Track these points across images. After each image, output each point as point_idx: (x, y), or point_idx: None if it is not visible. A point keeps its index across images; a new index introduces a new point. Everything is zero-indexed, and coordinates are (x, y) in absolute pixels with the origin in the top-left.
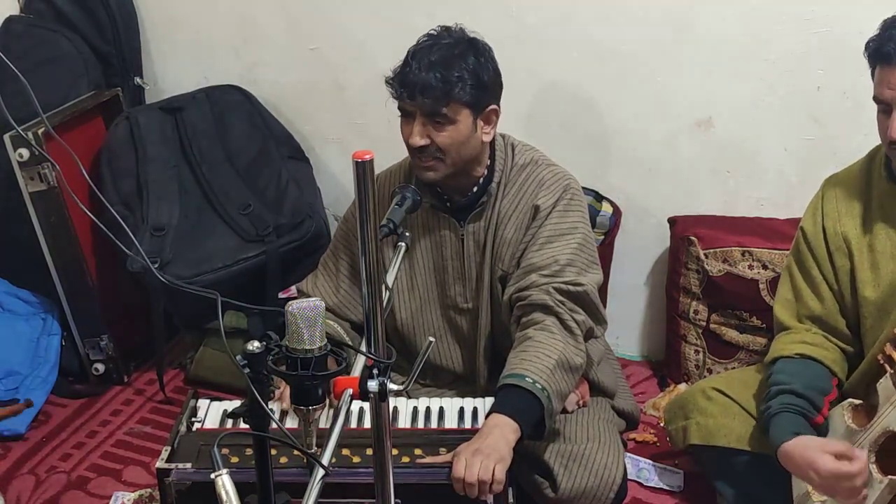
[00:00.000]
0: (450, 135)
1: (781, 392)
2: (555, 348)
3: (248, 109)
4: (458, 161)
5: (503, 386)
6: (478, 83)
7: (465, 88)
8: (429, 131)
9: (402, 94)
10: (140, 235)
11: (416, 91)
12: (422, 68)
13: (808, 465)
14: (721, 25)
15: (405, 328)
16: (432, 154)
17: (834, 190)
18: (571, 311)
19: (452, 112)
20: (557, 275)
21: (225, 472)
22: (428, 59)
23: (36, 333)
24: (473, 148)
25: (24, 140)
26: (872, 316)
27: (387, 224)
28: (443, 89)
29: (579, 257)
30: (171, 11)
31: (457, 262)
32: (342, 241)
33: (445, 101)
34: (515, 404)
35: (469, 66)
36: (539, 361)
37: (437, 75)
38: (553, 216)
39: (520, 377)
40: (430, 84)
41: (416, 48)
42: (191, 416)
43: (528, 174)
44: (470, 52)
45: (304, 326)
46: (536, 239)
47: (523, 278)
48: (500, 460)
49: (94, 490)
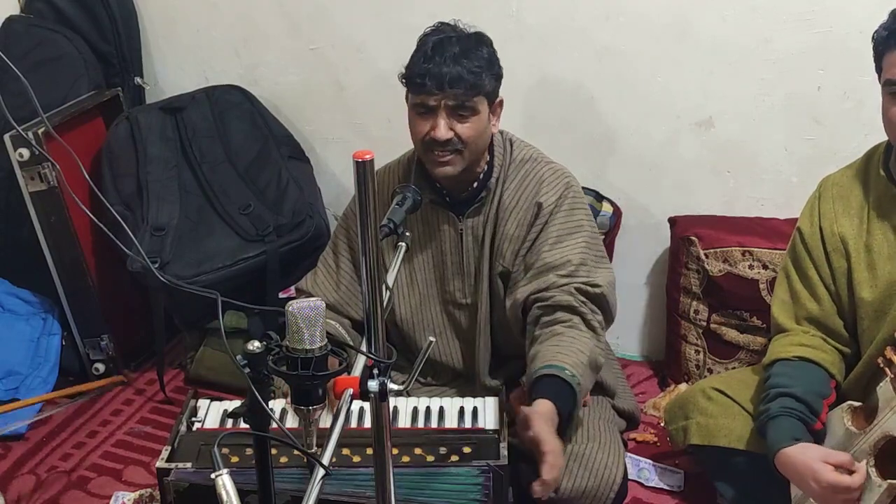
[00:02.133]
0: (473, 125)
1: (781, 395)
2: (586, 345)
3: (248, 109)
4: (474, 153)
5: (543, 375)
6: (495, 74)
7: (489, 79)
8: (452, 124)
9: (430, 86)
10: (140, 235)
11: (444, 83)
12: (447, 61)
13: (809, 473)
14: (721, 25)
15: (405, 324)
16: (454, 147)
17: (831, 190)
18: (593, 311)
19: (477, 103)
20: (574, 275)
21: (225, 472)
22: (452, 52)
23: (36, 333)
24: (486, 140)
25: (24, 140)
26: (869, 317)
27: (387, 224)
28: (472, 81)
29: (589, 255)
30: (171, 11)
31: (455, 257)
32: (342, 238)
33: (475, 92)
34: (557, 393)
35: (486, 57)
36: (574, 356)
37: (464, 67)
38: (559, 215)
39: (560, 368)
40: (462, 76)
41: (434, 40)
42: (191, 416)
43: (527, 170)
44: (482, 43)
45: (305, 326)
46: (546, 238)
47: (539, 278)
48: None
49: (95, 490)
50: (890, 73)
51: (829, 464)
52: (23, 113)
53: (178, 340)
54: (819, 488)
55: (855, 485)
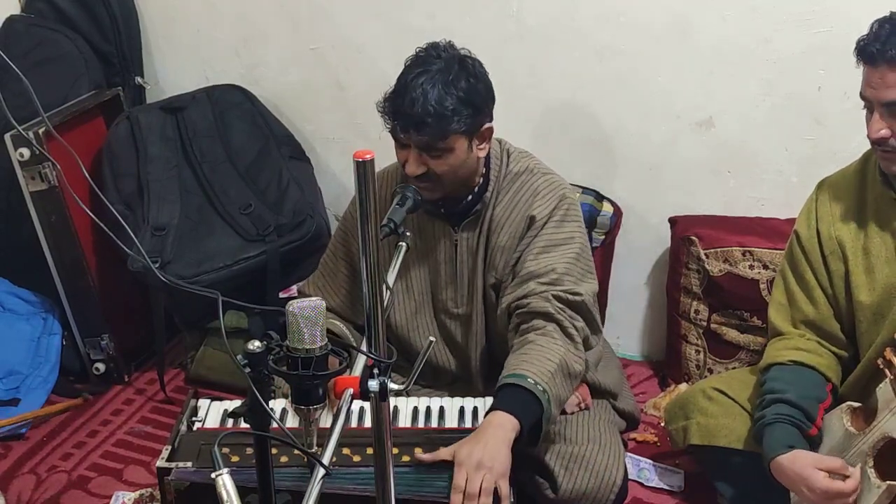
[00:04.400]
0: (446, 162)
1: (775, 401)
2: (556, 353)
3: (248, 109)
4: (454, 182)
5: (504, 385)
6: (473, 110)
7: (461, 120)
8: (425, 160)
9: (396, 126)
10: (141, 235)
11: (410, 126)
12: (416, 103)
13: (802, 481)
14: (721, 25)
15: (400, 331)
16: (429, 179)
17: (828, 193)
18: (571, 318)
19: (450, 143)
20: (555, 283)
21: (225, 472)
22: (421, 90)
23: (37, 333)
24: (469, 167)
25: (24, 139)
26: (867, 320)
27: (388, 224)
28: (438, 126)
29: (576, 267)
30: (171, 11)
31: (449, 267)
32: (341, 242)
33: (442, 136)
34: (516, 403)
35: (462, 93)
36: (541, 364)
37: (431, 110)
38: (549, 226)
39: (521, 377)
40: (426, 122)
41: (408, 77)
42: (191, 416)
43: (522, 182)
44: (462, 74)
45: (305, 326)
46: (532, 248)
47: (521, 286)
48: (502, 475)
49: (95, 490)
50: (861, 88)
51: (822, 470)
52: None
53: (179, 340)
54: (814, 495)
55: (848, 490)
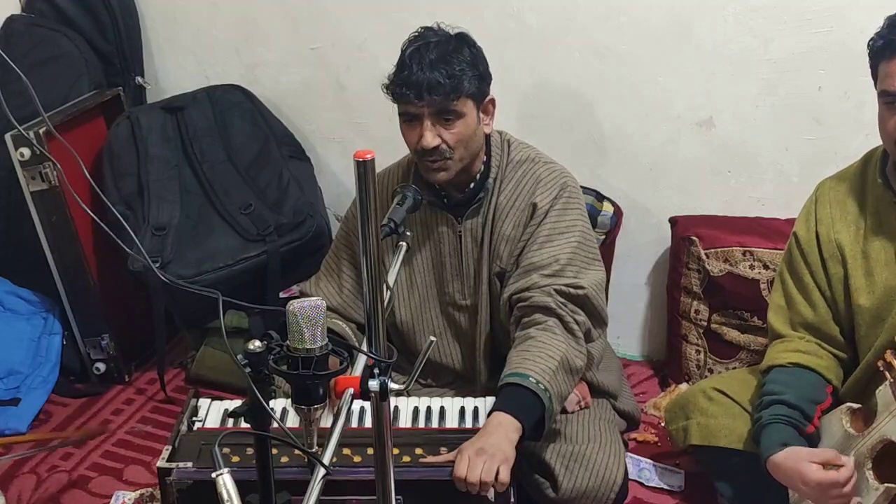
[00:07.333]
0: (459, 130)
1: (773, 403)
2: (557, 349)
3: (249, 109)
4: (465, 156)
5: (506, 384)
6: (479, 73)
7: (471, 80)
8: (438, 131)
9: (409, 95)
10: (141, 235)
11: (423, 91)
12: (424, 68)
13: (797, 475)
14: (722, 25)
15: (405, 326)
16: (443, 154)
17: (828, 194)
18: (573, 312)
19: (461, 106)
20: (558, 275)
21: (226, 472)
22: (428, 58)
23: (37, 333)
24: (478, 141)
25: (25, 139)
26: (867, 323)
27: (388, 223)
28: (451, 84)
29: (579, 255)
30: (172, 11)
31: (454, 259)
32: (343, 242)
33: (456, 96)
34: (518, 403)
35: (467, 59)
36: (542, 362)
37: (442, 72)
38: (551, 215)
39: (523, 377)
40: (438, 81)
41: (411, 49)
42: (192, 416)
43: (524, 171)
44: (463, 45)
45: (305, 325)
46: (536, 238)
47: (523, 278)
48: (504, 461)
49: (95, 489)
50: (885, 84)
51: (816, 462)
52: (24, 112)
53: (179, 340)
54: (809, 488)
55: (842, 479)
